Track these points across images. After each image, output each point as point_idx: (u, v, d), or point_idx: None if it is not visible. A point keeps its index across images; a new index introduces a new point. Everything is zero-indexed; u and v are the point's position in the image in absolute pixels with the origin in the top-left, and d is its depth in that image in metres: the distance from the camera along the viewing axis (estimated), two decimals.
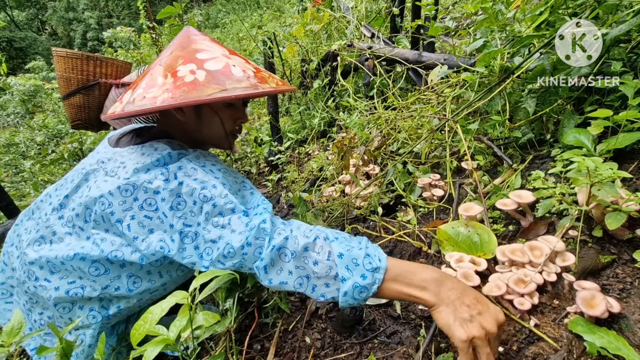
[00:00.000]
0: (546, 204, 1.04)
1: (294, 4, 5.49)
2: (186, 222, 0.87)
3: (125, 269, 0.95)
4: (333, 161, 1.93)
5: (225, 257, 0.85)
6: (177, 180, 0.89)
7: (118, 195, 0.89)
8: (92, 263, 0.93)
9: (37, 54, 18.89)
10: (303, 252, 0.83)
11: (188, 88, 0.88)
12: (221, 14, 14.73)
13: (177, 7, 2.13)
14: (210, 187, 0.88)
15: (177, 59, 0.94)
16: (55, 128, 5.43)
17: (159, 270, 0.98)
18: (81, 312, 0.98)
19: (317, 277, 0.82)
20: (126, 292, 0.96)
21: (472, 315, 0.71)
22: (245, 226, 0.85)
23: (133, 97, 0.92)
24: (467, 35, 2.34)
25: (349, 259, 0.80)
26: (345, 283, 0.79)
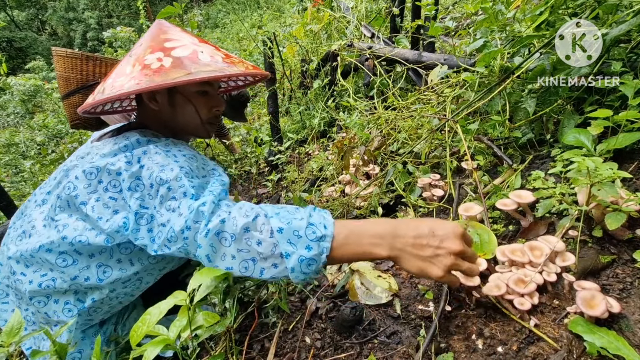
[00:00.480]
0: (546, 204, 1.04)
1: (294, 4, 5.49)
2: (143, 204, 0.87)
3: (94, 258, 0.94)
4: (333, 161, 1.93)
5: (170, 241, 0.83)
6: (139, 164, 0.90)
7: (83, 178, 0.91)
8: (59, 254, 0.93)
9: (37, 54, 18.89)
10: (244, 234, 0.77)
11: (153, 73, 0.89)
12: (221, 14, 14.73)
13: (177, 7, 2.13)
14: (167, 171, 0.88)
15: (146, 49, 0.96)
16: (55, 128, 5.43)
17: (129, 257, 0.97)
18: (56, 306, 0.97)
19: (263, 259, 0.77)
20: (96, 281, 0.94)
21: (435, 249, 0.72)
22: (188, 209, 0.83)
23: (103, 87, 0.94)
24: (467, 35, 2.34)
25: (290, 232, 0.75)
26: (290, 259, 0.74)
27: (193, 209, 0.82)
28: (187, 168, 0.92)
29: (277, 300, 1.12)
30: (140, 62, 0.93)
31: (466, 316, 0.93)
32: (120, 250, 0.95)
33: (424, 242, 0.73)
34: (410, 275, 1.14)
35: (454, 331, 0.90)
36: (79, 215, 0.93)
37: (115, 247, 0.95)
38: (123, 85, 0.89)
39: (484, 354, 0.83)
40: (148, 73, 0.90)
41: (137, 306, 1.16)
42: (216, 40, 7.81)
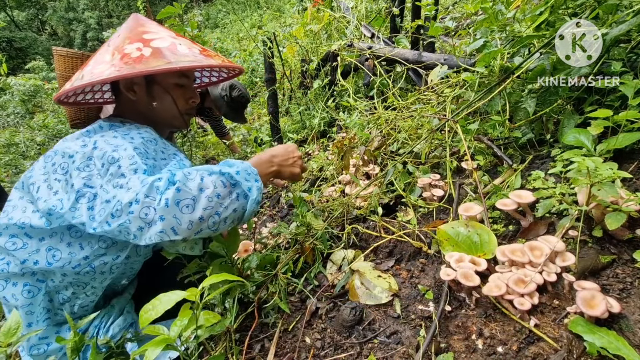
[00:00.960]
0: (546, 204, 1.04)
1: (294, 4, 5.49)
2: (89, 183, 0.87)
3: (44, 242, 0.93)
4: (333, 161, 1.93)
5: (113, 217, 0.82)
6: (93, 145, 0.91)
7: (42, 162, 0.94)
8: (10, 237, 0.93)
9: (37, 54, 18.88)
10: (200, 193, 0.84)
11: (133, 61, 0.92)
12: (221, 14, 14.73)
13: (177, 7, 2.13)
14: (120, 150, 0.89)
15: (124, 39, 1.00)
16: (55, 128, 5.43)
17: (79, 241, 0.95)
18: (15, 289, 0.96)
19: (224, 208, 0.88)
20: (46, 265, 0.93)
21: (292, 158, 1.10)
22: (139, 184, 0.82)
23: (82, 74, 0.96)
24: (467, 35, 2.34)
25: (242, 168, 0.94)
26: (252, 191, 0.92)
27: (146, 183, 0.82)
28: (142, 150, 0.93)
29: (277, 300, 1.12)
30: (119, 51, 0.96)
31: (466, 316, 0.93)
32: (70, 233, 0.94)
33: (286, 156, 1.09)
34: (410, 275, 1.14)
35: (454, 331, 0.90)
36: (29, 197, 0.95)
37: (65, 230, 0.94)
38: (103, 72, 0.92)
39: (484, 354, 0.83)
40: (128, 61, 0.93)
41: (125, 313, 1.12)
42: (216, 41, 7.80)
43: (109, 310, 1.10)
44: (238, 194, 0.90)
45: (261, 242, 1.52)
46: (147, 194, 0.81)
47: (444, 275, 0.94)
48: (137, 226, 0.81)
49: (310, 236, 1.32)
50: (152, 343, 0.71)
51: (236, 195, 0.90)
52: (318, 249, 1.30)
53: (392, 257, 1.23)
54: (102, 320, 1.08)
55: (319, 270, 1.26)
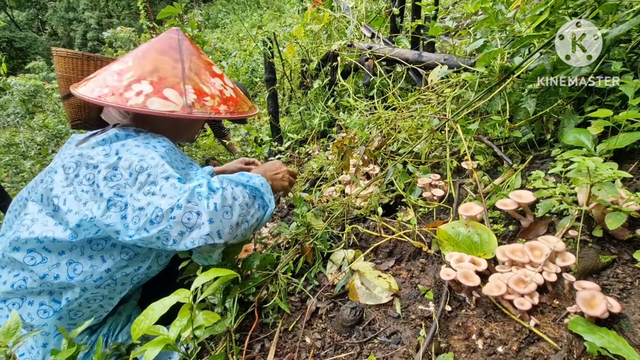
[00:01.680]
0: (546, 204, 1.04)
1: (294, 4, 5.49)
2: (118, 192, 0.87)
3: (64, 256, 0.92)
4: (333, 161, 1.93)
5: (152, 223, 0.82)
6: (117, 156, 0.91)
7: (61, 172, 0.92)
8: (28, 252, 0.91)
9: (37, 54, 18.89)
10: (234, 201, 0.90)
11: (233, 102, 1.13)
12: (221, 14, 14.73)
13: (177, 7, 2.13)
14: (148, 159, 0.90)
15: (203, 69, 1.12)
16: (56, 128, 5.43)
17: (100, 254, 0.95)
18: (31, 308, 0.95)
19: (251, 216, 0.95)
20: (67, 279, 0.92)
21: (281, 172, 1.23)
22: (177, 190, 0.84)
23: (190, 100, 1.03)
24: (467, 35, 2.34)
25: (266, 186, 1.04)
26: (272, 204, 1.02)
27: (187, 190, 0.84)
28: (168, 158, 0.94)
29: (277, 300, 1.12)
30: (212, 86, 1.11)
31: (466, 316, 0.92)
32: (91, 246, 0.94)
33: (276, 171, 1.21)
34: (410, 275, 1.14)
35: (454, 331, 0.90)
36: (49, 209, 0.92)
37: (86, 244, 0.94)
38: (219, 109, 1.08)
39: (484, 354, 0.82)
40: (228, 100, 1.13)
41: (132, 320, 1.12)
42: (216, 41, 7.80)
43: (116, 318, 1.10)
44: (259, 205, 0.98)
45: (261, 242, 1.52)
46: (189, 199, 0.83)
47: (444, 275, 0.94)
48: (178, 231, 0.82)
49: (310, 236, 1.32)
50: (151, 343, 0.71)
51: (258, 206, 0.97)
52: (318, 249, 1.30)
53: (392, 257, 1.23)
54: (110, 329, 1.08)
55: (319, 270, 1.26)
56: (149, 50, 1.08)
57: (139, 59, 1.06)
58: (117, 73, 1.04)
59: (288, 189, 1.26)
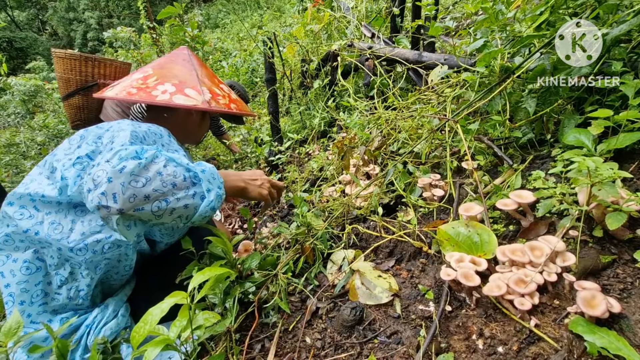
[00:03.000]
0: (546, 204, 1.04)
1: (294, 4, 5.49)
2: (92, 155, 0.94)
3: (49, 215, 0.97)
4: (333, 161, 1.93)
5: (79, 177, 0.91)
6: (107, 128, 1.01)
7: (66, 143, 1.01)
8: (19, 208, 0.98)
9: (37, 54, 18.89)
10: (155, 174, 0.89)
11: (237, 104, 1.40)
12: (221, 14, 14.73)
13: (177, 7, 2.13)
14: (121, 133, 0.98)
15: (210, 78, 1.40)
16: (56, 128, 5.43)
17: (81, 219, 0.98)
18: (14, 265, 0.99)
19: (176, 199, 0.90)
20: (45, 236, 0.95)
21: (260, 180, 1.22)
22: (112, 152, 0.88)
23: (207, 98, 1.27)
24: (468, 35, 2.34)
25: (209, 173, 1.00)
26: (210, 193, 0.95)
27: (117, 150, 0.87)
28: (141, 135, 1.00)
29: (277, 300, 1.12)
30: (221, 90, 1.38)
31: (466, 316, 0.92)
32: (75, 211, 0.99)
33: (254, 177, 1.22)
34: (410, 275, 1.14)
35: (455, 331, 0.90)
36: (48, 172, 1.00)
37: (72, 208, 0.99)
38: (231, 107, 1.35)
39: (484, 354, 0.82)
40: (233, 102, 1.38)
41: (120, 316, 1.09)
42: (216, 41, 7.80)
43: (103, 310, 1.08)
44: (196, 192, 0.92)
45: (261, 242, 1.52)
46: (108, 159, 0.84)
47: (445, 275, 0.94)
48: (88, 187, 0.83)
49: (310, 236, 1.32)
50: (151, 343, 0.71)
51: (193, 193, 0.91)
52: (318, 249, 1.30)
53: (392, 257, 1.23)
54: (94, 319, 1.07)
55: (319, 270, 1.26)
56: (167, 62, 1.35)
57: (159, 69, 1.31)
58: (141, 78, 1.25)
59: (267, 199, 1.23)
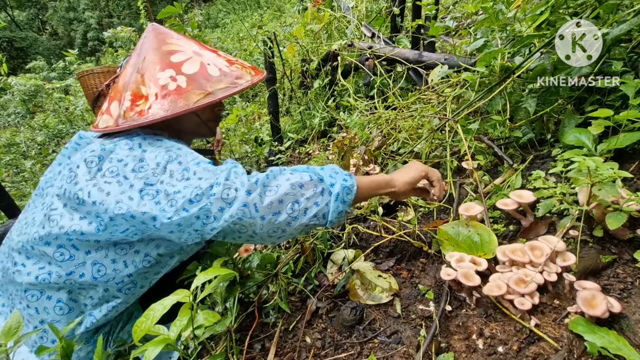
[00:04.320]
0: (547, 203, 1.04)
1: (294, 3, 5.48)
2: (147, 181, 0.87)
3: (89, 255, 0.94)
4: (333, 161, 1.93)
5: (192, 202, 0.84)
6: (141, 149, 0.92)
7: (84, 166, 0.93)
8: (58, 248, 0.93)
9: (37, 54, 18.89)
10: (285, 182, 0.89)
11: (174, 97, 0.95)
12: (221, 14, 14.72)
13: (177, 7, 2.13)
14: (175, 150, 0.92)
15: (153, 65, 0.99)
16: (56, 128, 5.43)
17: (123, 259, 0.97)
18: (48, 303, 0.97)
19: (306, 199, 0.88)
20: (91, 279, 0.94)
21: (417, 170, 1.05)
22: (212, 173, 0.87)
23: (122, 110, 0.97)
24: (468, 35, 2.34)
25: (330, 169, 0.95)
26: (334, 187, 0.90)
27: (225, 169, 0.87)
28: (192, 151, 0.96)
29: (277, 300, 1.12)
30: (155, 83, 0.96)
31: (467, 316, 0.92)
32: (115, 250, 0.96)
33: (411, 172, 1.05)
34: (410, 275, 1.14)
35: (455, 331, 0.90)
36: (74, 203, 0.92)
37: (112, 246, 0.95)
38: (147, 111, 0.95)
39: (484, 353, 0.82)
40: (167, 95, 0.95)
41: (134, 318, 1.12)
42: (216, 40, 7.80)
43: (118, 316, 1.10)
44: (323, 189, 0.91)
45: None
46: (227, 177, 0.85)
47: (445, 275, 0.94)
48: (218, 207, 0.83)
49: (310, 236, 1.32)
50: (151, 343, 0.71)
51: (321, 190, 0.90)
52: (318, 248, 1.30)
53: (392, 256, 1.23)
54: (111, 327, 1.08)
55: (319, 270, 1.26)
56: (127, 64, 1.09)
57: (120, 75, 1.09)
58: None
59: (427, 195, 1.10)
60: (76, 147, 1.07)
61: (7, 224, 2.21)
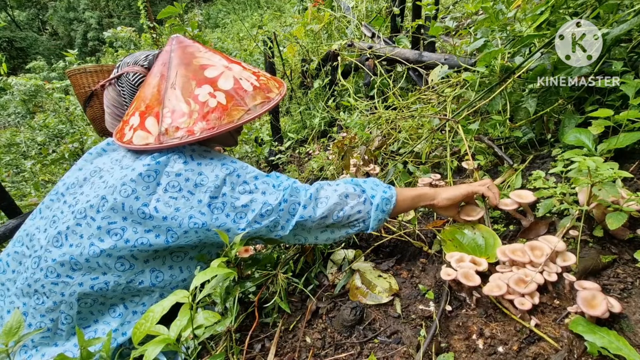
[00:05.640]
0: (547, 203, 1.04)
1: (294, 3, 5.48)
2: (212, 194, 0.93)
3: (148, 264, 0.99)
4: (333, 161, 1.93)
5: (263, 216, 0.96)
6: (195, 162, 0.97)
7: (141, 181, 0.93)
8: (118, 259, 0.95)
9: (37, 54, 18.89)
10: (336, 194, 1.03)
11: (217, 114, 0.98)
12: (222, 14, 14.73)
13: (177, 7, 2.13)
14: (229, 163, 0.99)
15: (188, 80, 1.00)
16: (56, 128, 5.43)
17: (179, 265, 1.03)
18: (102, 307, 1.01)
19: (350, 207, 1.02)
20: (149, 285, 1.00)
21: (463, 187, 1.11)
22: (274, 187, 0.99)
23: (164, 127, 0.97)
24: (468, 35, 2.34)
25: (372, 182, 1.08)
26: (375, 198, 1.04)
27: (287, 186, 0.99)
28: None
29: (277, 300, 1.12)
30: (194, 100, 0.98)
31: (467, 316, 0.92)
32: (172, 257, 1.01)
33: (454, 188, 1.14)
34: (410, 275, 1.14)
35: (455, 331, 0.90)
36: (135, 217, 0.93)
37: (168, 255, 1.00)
38: (193, 128, 0.96)
39: (484, 353, 0.82)
40: (210, 112, 0.97)
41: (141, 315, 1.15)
42: (216, 40, 7.80)
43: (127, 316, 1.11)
44: (366, 198, 1.04)
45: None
46: (291, 194, 0.99)
47: (445, 275, 0.94)
48: (285, 219, 0.99)
49: None
50: (151, 343, 0.71)
51: (363, 199, 1.04)
52: (318, 248, 1.30)
53: (392, 256, 1.23)
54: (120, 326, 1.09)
55: (319, 270, 1.26)
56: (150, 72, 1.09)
57: (142, 87, 1.08)
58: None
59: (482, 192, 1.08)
60: (101, 153, 1.11)
61: (7, 224, 2.21)
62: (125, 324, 1.02)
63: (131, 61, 1.79)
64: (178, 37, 1.08)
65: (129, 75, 1.75)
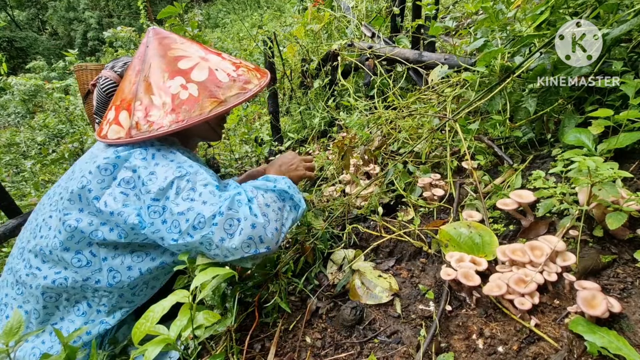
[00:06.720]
0: (547, 203, 1.04)
1: (294, 3, 5.48)
2: (154, 196, 0.88)
3: (106, 262, 0.95)
4: (333, 161, 1.93)
5: (195, 229, 0.85)
6: (154, 160, 0.92)
7: (97, 174, 0.92)
8: (76, 254, 0.94)
9: (37, 54, 18.88)
10: (266, 208, 0.95)
11: (188, 106, 0.93)
12: (221, 14, 14.72)
13: (177, 7, 2.13)
14: (186, 166, 0.92)
15: (161, 72, 0.97)
16: (56, 128, 5.43)
17: (139, 266, 0.98)
18: (67, 303, 0.99)
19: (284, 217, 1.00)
20: (106, 285, 0.96)
21: (295, 163, 1.24)
22: (217, 197, 0.88)
23: (134, 121, 0.95)
24: (468, 34, 2.34)
25: (294, 189, 1.07)
26: (302, 202, 1.05)
27: (228, 197, 0.88)
28: (205, 168, 0.98)
29: (277, 300, 1.12)
30: (165, 92, 0.95)
31: (467, 316, 0.93)
32: (132, 257, 0.98)
33: (290, 164, 1.24)
34: (410, 275, 1.14)
35: (455, 331, 0.90)
36: (91, 209, 0.93)
37: (128, 254, 0.97)
38: (162, 122, 0.93)
39: (484, 353, 0.83)
40: (180, 105, 0.94)
41: (130, 321, 1.12)
42: (216, 40, 7.80)
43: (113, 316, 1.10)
44: (290, 206, 1.01)
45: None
46: (230, 207, 0.87)
47: (445, 275, 0.94)
48: (219, 237, 0.85)
49: (310, 236, 1.32)
50: (151, 343, 0.71)
51: (290, 207, 1.01)
52: (318, 248, 1.30)
53: (392, 256, 1.23)
54: (107, 330, 1.09)
55: (319, 269, 1.26)
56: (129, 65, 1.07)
57: (122, 81, 1.06)
58: None
59: (309, 176, 1.27)
60: None
61: (7, 224, 2.21)
62: (90, 323, 1.00)
63: (110, 65, 1.83)
64: (155, 28, 1.06)
65: (100, 80, 1.81)
